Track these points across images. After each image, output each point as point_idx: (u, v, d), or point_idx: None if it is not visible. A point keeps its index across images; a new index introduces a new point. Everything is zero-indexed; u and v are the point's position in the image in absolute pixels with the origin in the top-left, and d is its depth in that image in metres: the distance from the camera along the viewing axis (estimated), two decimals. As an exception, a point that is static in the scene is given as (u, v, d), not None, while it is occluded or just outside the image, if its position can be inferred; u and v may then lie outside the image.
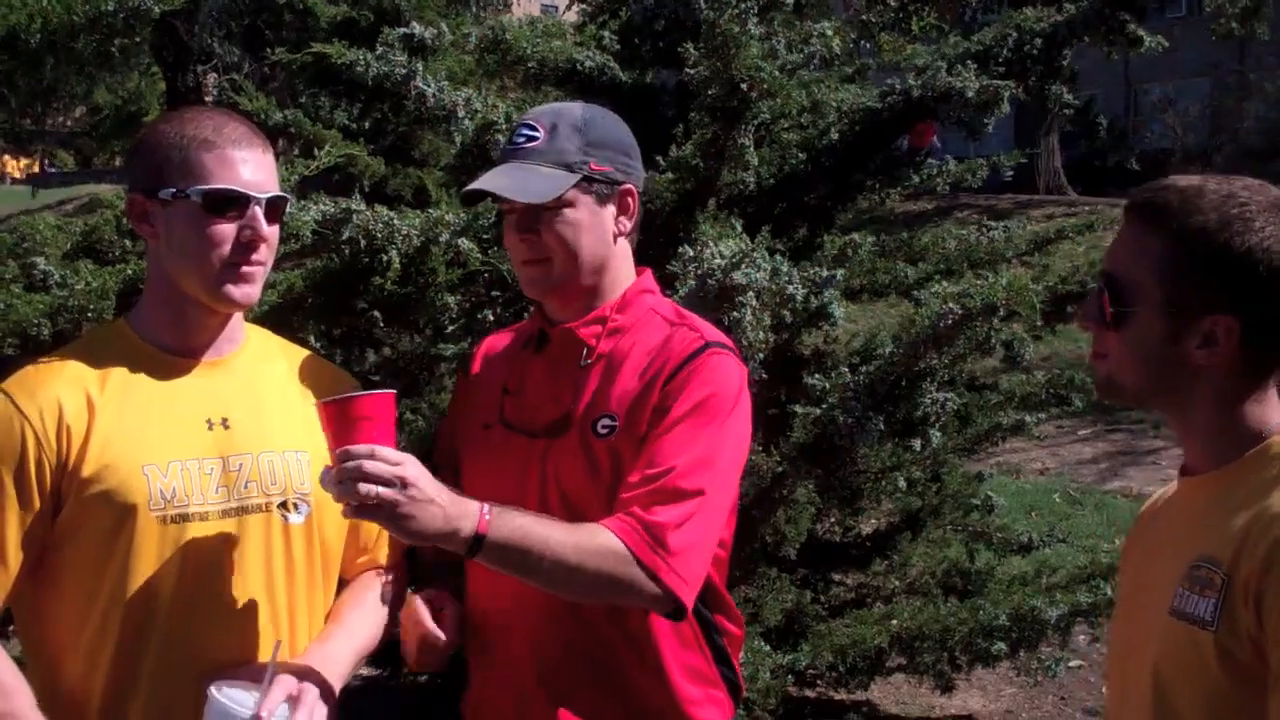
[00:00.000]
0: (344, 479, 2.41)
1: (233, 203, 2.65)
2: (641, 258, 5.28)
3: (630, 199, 2.94)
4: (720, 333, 2.92)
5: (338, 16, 9.69)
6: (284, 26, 14.06)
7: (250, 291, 2.71)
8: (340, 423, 2.46)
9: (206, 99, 20.18)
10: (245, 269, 2.68)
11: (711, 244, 4.32)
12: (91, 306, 4.33)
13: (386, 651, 3.11)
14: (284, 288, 4.53)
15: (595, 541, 2.61)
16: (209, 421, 2.71)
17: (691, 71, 4.94)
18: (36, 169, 51.19)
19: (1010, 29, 5.54)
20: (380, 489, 2.40)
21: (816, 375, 4.89)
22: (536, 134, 2.88)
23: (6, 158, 51.44)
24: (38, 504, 2.57)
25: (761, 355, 4.69)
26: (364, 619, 2.87)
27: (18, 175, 51.12)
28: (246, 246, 2.67)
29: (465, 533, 2.50)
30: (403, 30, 5.78)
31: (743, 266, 4.21)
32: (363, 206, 4.53)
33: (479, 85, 8.50)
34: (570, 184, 2.82)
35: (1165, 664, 2.19)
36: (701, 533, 2.69)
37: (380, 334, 4.95)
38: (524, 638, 2.85)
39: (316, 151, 5.38)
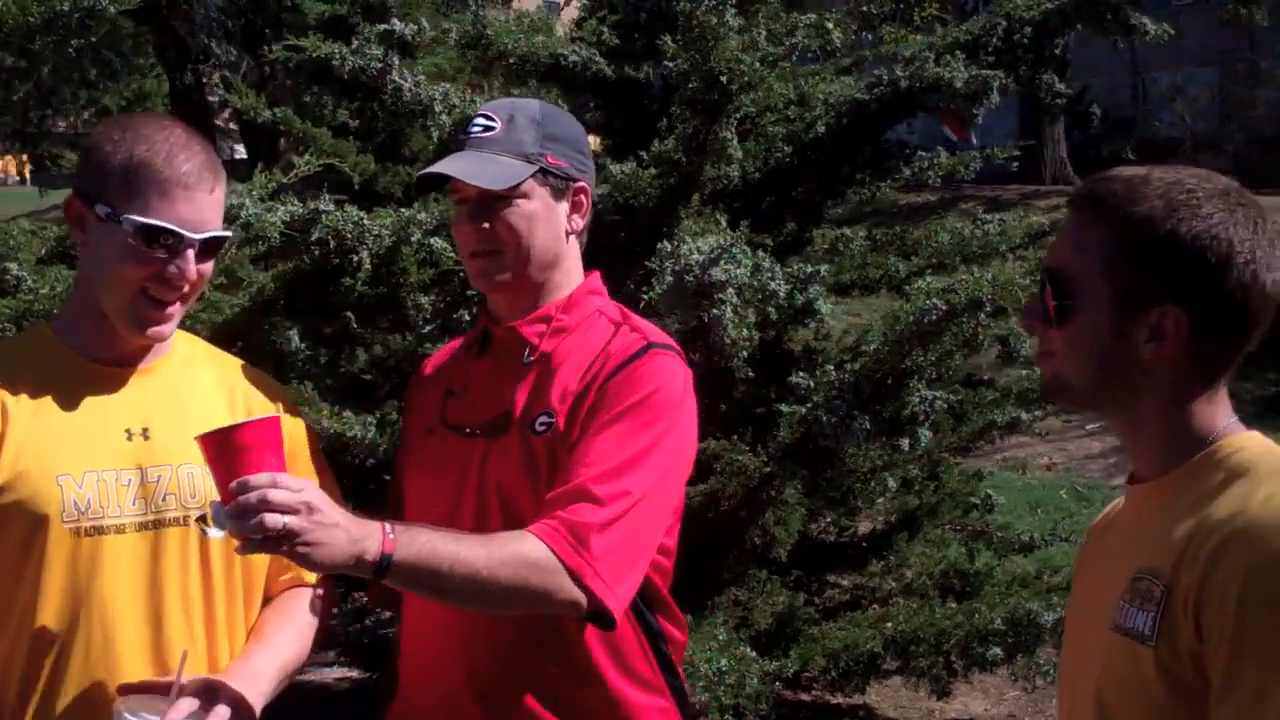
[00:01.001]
0: (244, 512, 2.26)
1: (164, 239, 2.55)
2: (625, 255, 5.28)
3: (584, 197, 2.87)
4: (664, 334, 2.84)
5: (325, 13, 9.58)
6: (283, 25, 14.00)
7: (163, 330, 2.63)
8: (226, 454, 2.32)
9: (211, 99, 20.15)
10: (162, 309, 2.60)
11: (689, 239, 4.21)
12: (57, 311, 4.24)
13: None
14: (254, 290, 4.44)
15: (508, 550, 2.49)
16: (128, 431, 2.61)
17: (671, 65, 4.84)
18: (24, 170, 51.08)
19: (1000, 17, 5.43)
20: (287, 518, 2.26)
21: (801, 373, 4.78)
22: (494, 124, 2.82)
23: (9, 158, 51.33)
24: None
25: (745, 353, 4.60)
26: (288, 636, 2.77)
27: (13, 174, 50.96)
28: (169, 284, 2.58)
29: (371, 554, 2.37)
30: (382, 27, 5.68)
31: (721, 262, 4.12)
32: (331, 207, 4.44)
33: (470, 83, 8.41)
34: (528, 174, 2.76)
35: (1106, 681, 2.09)
36: (628, 536, 2.58)
37: (362, 334, 4.84)
38: (456, 649, 2.74)
39: (295, 158, 5.26)
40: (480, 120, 2.84)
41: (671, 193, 5.07)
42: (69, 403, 2.58)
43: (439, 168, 2.79)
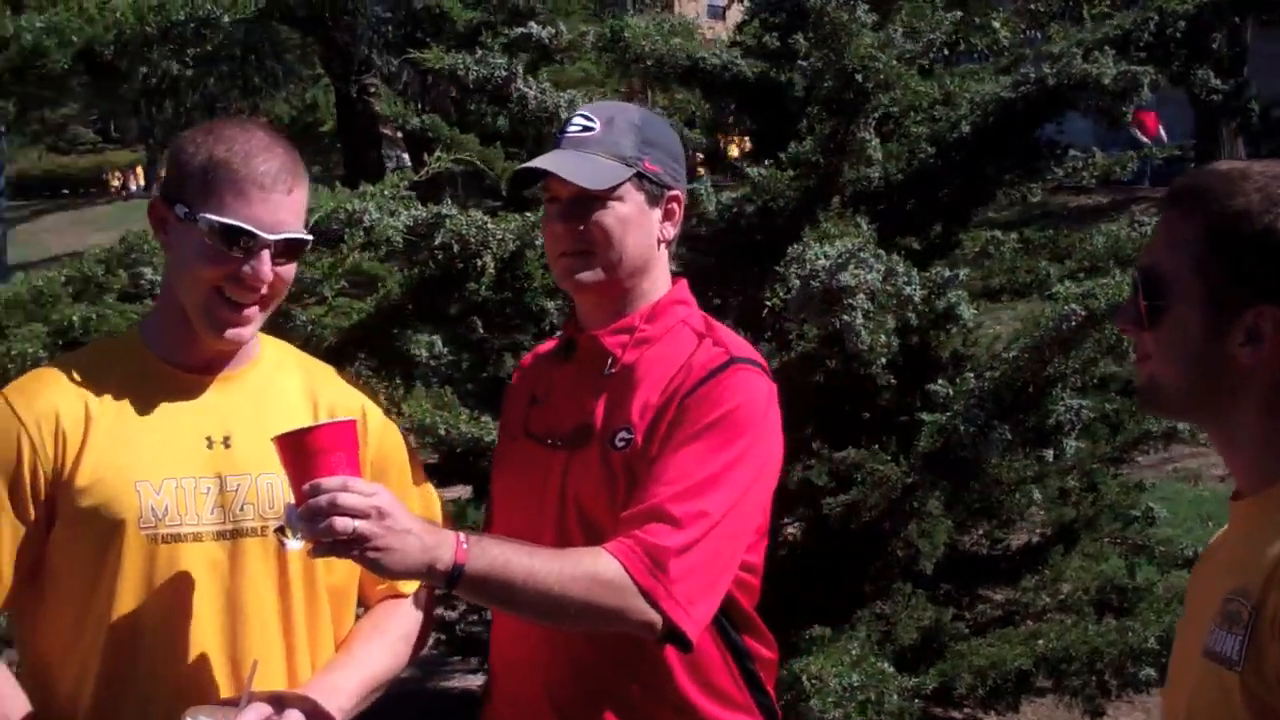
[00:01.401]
0: (315, 514, 2.23)
1: (240, 238, 2.50)
2: (763, 258, 5.16)
3: (676, 206, 2.81)
4: (749, 347, 2.76)
5: (473, 20, 9.62)
6: (440, 34, 14.11)
7: (241, 333, 2.57)
8: (301, 457, 2.29)
9: (376, 108, 20.40)
10: (238, 310, 2.55)
11: (815, 244, 4.08)
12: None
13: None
14: (381, 295, 4.41)
15: (581, 567, 2.44)
16: (209, 439, 2.57)
17: (805, 63, 4.72)
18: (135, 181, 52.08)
19: (1152, 12, 5.20)
20: (358, 522, 2.23)
21: (940, 381, 4.62)
22: (593, 125, 2.76)
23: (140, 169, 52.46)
24: (32, 514, 2.48)
25: (884, 359, 4.47)
26: (377, 649, 2.71)
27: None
28: (244, 285, 2.53)
29: (443, 564, 2.32)
30: (520, 30, 5.65)
31: (850, 267, 3.98)
32: (455, 211, 4.39)
33: (615, 89, 8.36)
34: (625, 176, 2.70)
35: (1195, 709, 1.94)
36: (706, 559, 2.52)
37: (489, 339, 4.80)
38: (539, 658, 2.69)
39: (427, 157, 5.24)
40: (579, 121, 2.78)
41: (810, 195, 4.98)
42: (150, 408, 2.56)
43: (537, 163, 2.73)
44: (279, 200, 2.53)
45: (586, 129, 2.75)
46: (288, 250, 2.57)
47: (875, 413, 5.24)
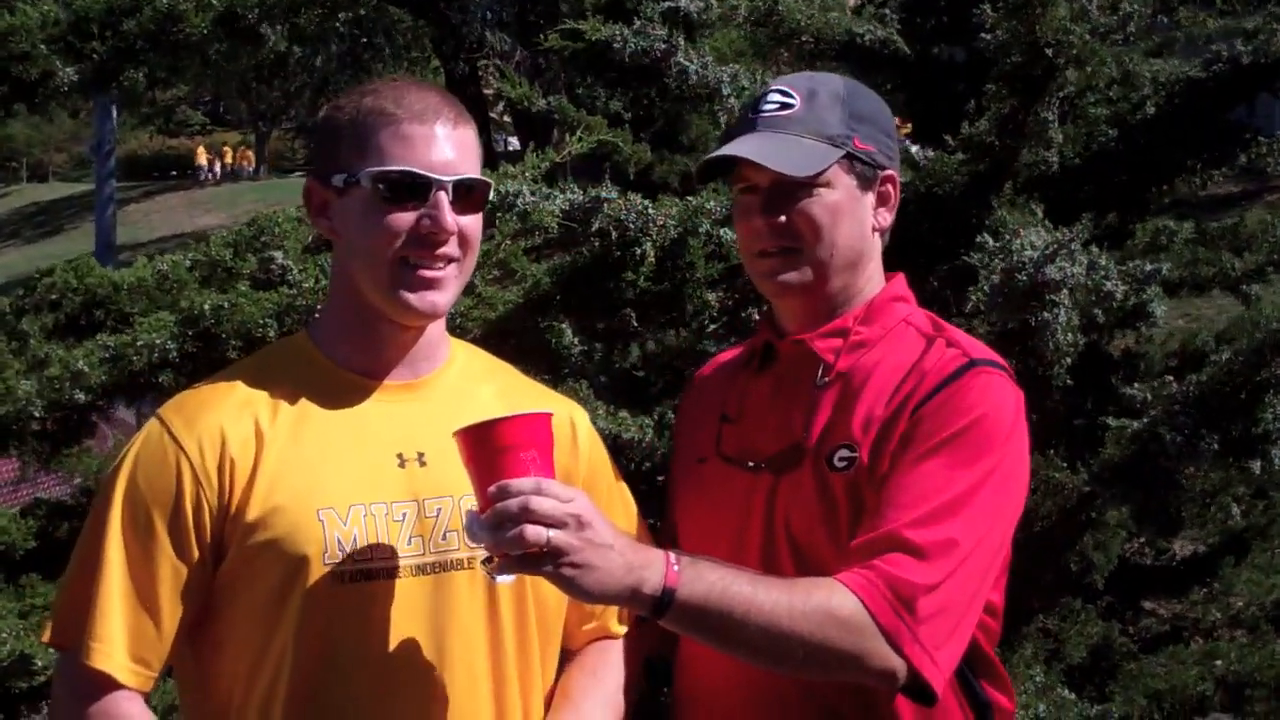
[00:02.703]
0: (502, 522, 1.92)
1: (410, 188, 2.17)
2: (928, 249, 4.83)
3: (891, 188, 2.47)
4: (987, 348, 2.40)
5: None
6: (558, 13, 13.87)
7: (436, 299, 2.24)
8: (487, 453, 1.99)
9: (485, 91, 20.19)
10: (426, 271, 2.21)
11: (1020, 233, 3.72)
12: (320, 307, 3.98)
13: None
14: (529, 285, 4.10)
15: (813, 601, 2.10)
16: (400, 457, 2.25)
17: (987, 37, 4.36)
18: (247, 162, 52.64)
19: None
20: (552, 532, 1.92)
21: (1135, 385, 4.25)
22: (792, 100, 2.41)
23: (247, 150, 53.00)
24: (196, 553, 2.16)
25: (1069, 360, 4.12)
26: (599, 704, 2.36)
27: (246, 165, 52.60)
28: (426, 241, 2.20)
29: (649, 587, 2.01)
30: (667, 4, 5.33)
31: (1058, 260, 3.62)
32: (614, 194, 4.07)
33: (750, 65, 8.03)
34: (833, 159, 2.36)
35: None
36: (954, 596, 2.17)
37: (642, 331, 4.47)
38: (734, 705, 2.35)
39: (568, 137, 4.93)
40: (775, 96, 2.43)
41: (982, 180, 4.60)
42: (331, 425, 2.23)
43: (731, 150, 2.39)
44: (444, 135, 2.21)
45: (785, 105, 2.41)
46: (467, 196, 2.23)
47: (1046, 415, 4.87)
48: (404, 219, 2.18)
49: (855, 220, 2.40)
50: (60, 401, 4.03)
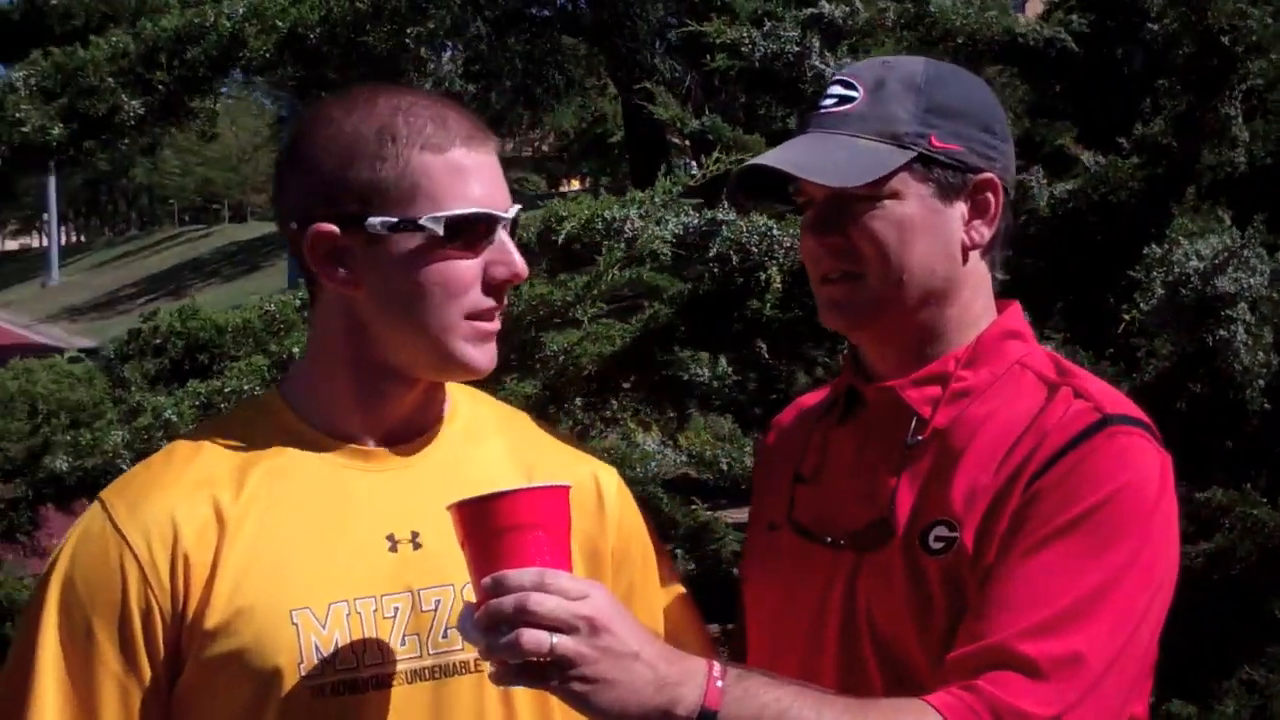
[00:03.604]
0: (496, 622, 1.59)
1: (479, 230, 1.87)
2: (1103, 262, 4.45)
3: (992, 196, 2.02)
4: (1125, 399, 1.97)
5: (757, 10, 9.05)
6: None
7: (492, 351, 1.93)
8: (483, 536, 1.65)
9: (655, 113, 20.01)
10: (488, 323, 1.91)
11: (1184, 241, 3.32)
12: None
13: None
14: (647, 315, 3.80)
15: None
16: (391, 539, 1.90)
17: (1154, 27, 3.97)
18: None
19: None
20: (557, 638, 1.58)
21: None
22: (854, 92, 2.01)
23: None
24: (148, 670, 1.82)
25: (1262, 382, 3.74)
26: None
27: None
28: (498, 291, 1.90)
29: (685, 707, 1.64)
30: (810, 10, 5.02)
31: (1230, 270, 3.22)
32: (733, 216, 3.75)
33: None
34: (897, 163, 1.95)
35: None
36: None
37: (775, 365, 4.15)
38: None
39: (707, 157, 4.62)
40: (836, 89, 2.04)
41: (1160, 185, 4.23)
42: (306, 503, 1.89)
43: (763, 159, 2.01)
44: (494, 165, 1.91)
45: (845, 100, 2.02)
46: (514, 232, 1.94)
47: (1242, 443, 4.44)
48: (473, 267, 1.87)
49: (936, 237, 1.98)
50: (149, 453, 3.86)
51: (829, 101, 2.02)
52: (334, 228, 1.88)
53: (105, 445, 3.85)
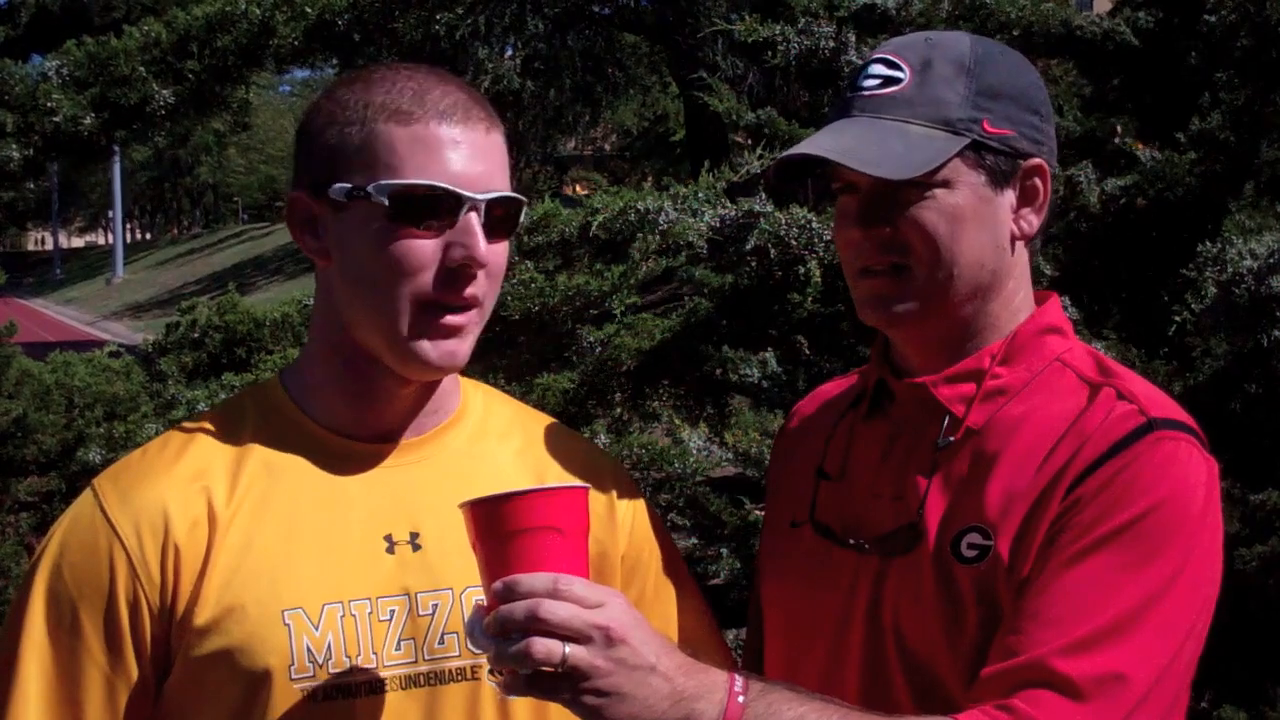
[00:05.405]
0: (507, 629, 1.52)
1: (436, 207, 1.76)
2: (1159, 260, 4.36)
3: (1040, 182, 1.92)
4: (1171, 402, 1.86)
5: (812, 5, 8.97)
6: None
7: (456, 350, 1.82)
8: (496, 538, 1.58)
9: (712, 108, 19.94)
10: (450, 316, 1.80)
11: (1238, 240, 3.23)
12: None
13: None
14: (687, 310, 3.73)
15: None
16: (389, 539, 1.84)
17: (1211, 19, 3.87)
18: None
19: None
20: (570, 647, 1.51)
21: None
22: (900, 74, 1.90)
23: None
24: (133, 665, 1.76)
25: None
26: None
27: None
28: (454, 277, 1.78)
29: None
30: (863, 1, 4.94)
31: (1284, 269, 3.14)
32: (771, 208, 3.66)
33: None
34: (952, 151, 1.84)
35: None
36: None
37: (816, 361, 4.06)
38: None
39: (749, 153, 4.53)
40: (878, 69, 1.92)
41: (1217, 181, 4.12)
42: (303, 500, 1.83)
43: (808, 147, 1.88)
44: (476, 142, 1.79)
45: (890, 81, 1.90)
46: (499, 219, 1.81)
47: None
48: (426, 247, 1.77)
49: (986, 227, 1.88)
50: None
51: (872, 83, 1.91)
52: (305, 194, 1.84)
53: (139, 438, 3.83)
